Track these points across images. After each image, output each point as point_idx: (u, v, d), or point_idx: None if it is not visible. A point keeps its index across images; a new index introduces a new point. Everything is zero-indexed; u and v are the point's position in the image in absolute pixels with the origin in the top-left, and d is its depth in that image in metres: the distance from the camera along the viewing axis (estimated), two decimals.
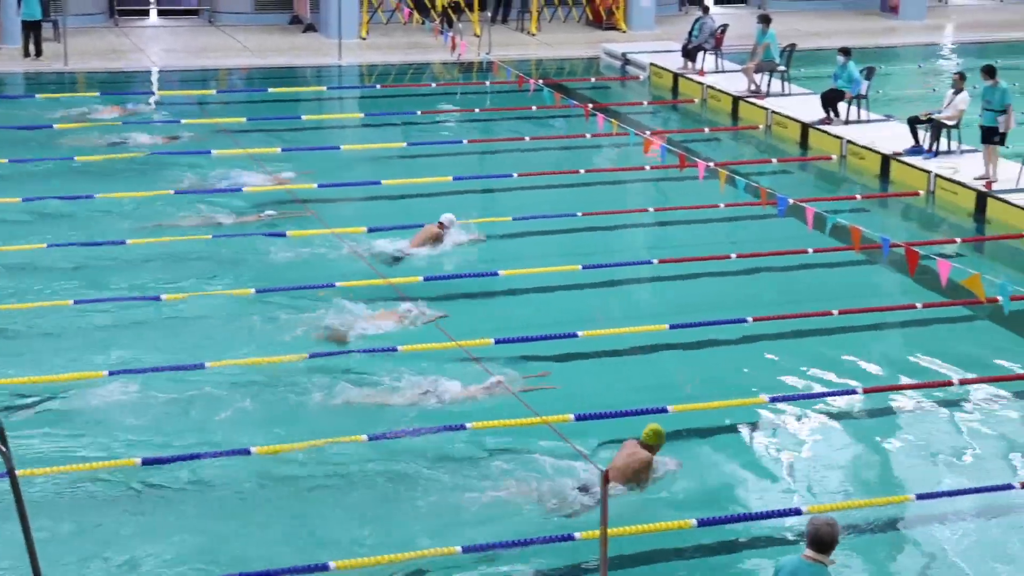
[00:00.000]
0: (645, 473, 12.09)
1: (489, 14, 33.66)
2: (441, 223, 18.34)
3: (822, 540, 8.76)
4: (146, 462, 12.40)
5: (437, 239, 18.25)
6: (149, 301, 16.18)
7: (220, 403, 13.75)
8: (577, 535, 11.30)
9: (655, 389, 14.32)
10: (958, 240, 19.47)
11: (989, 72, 20.98)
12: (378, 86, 29.25)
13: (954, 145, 22.36)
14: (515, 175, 21.98)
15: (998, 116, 20.69)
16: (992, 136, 20.84)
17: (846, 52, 24.50)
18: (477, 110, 26.96)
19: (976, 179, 20.89)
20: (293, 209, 19.85)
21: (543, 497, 12.04)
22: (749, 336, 15.78)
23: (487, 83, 29.48)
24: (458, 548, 11.11)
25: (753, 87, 26.80)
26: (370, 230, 18.86)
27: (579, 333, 15.48)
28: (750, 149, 24.96)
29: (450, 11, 34.12)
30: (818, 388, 14.47)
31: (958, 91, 21.98)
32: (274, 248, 18.18)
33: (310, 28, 33.87)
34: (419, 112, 26.25)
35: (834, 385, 14.56)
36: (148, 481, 12.26)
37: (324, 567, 10.79)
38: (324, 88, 29.12)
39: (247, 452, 12.60)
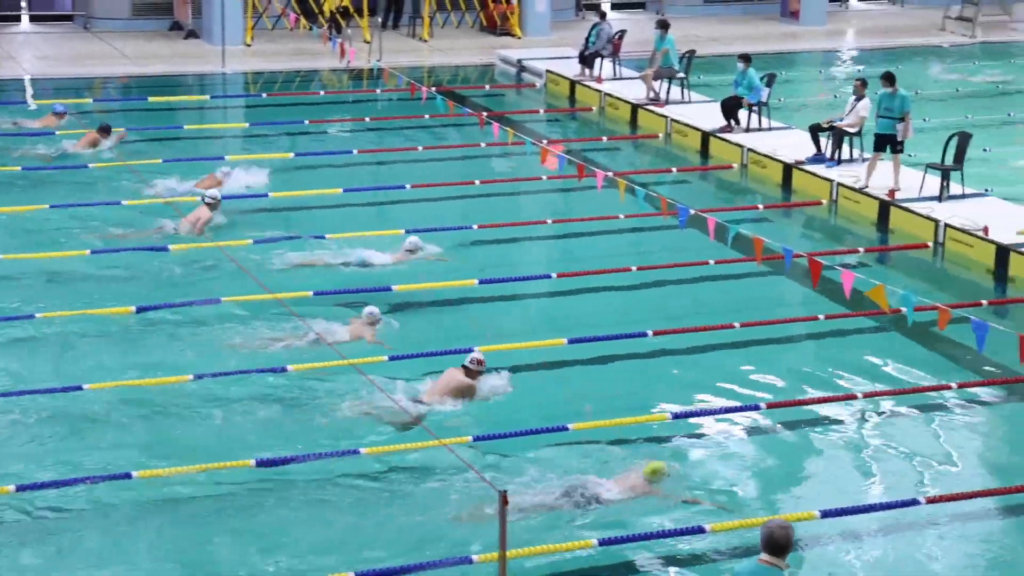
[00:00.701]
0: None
1: (379, 19, 33.62)
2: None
3: (776, 543, 8.89)
4: (20, 488, 12.22)
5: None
6: (22, 320, 15.97)
7: (101, 426, 13.59)
8: (475, 557, 11.31)
9: (555, 406, 14.37)
10: (861, 250, 19.77)
11: (889, 79, 21.30)
12: (264, 95, 29.10)
13: (856, 153, 22.70)
14: (408, 186, 21.97)
15: (897, 124, 21.01)
16: (885, 144, 21.16)
17: (746, 59, 24.78)
18: (368, 119, 26.91)
19: (860, 187, 21.19)
20: (227, 216, 19.98)
21: (443, 517, 12.06)
22: (650, 351, 15.89)
23: (378, 91, 29.45)
24: (351, 574, 11.07)
25: (652, 94, 27.02)
26: (256, 242, 18.79)
27: (475, 349, 15.48)
28: (649, 158, 25.16)
29: (338, 16, 34.01)
30: (721, 403, 14.59)
31: (860, 98, 22.31)
32: (159, 263, 18.04)
33: (192, 34, 33.59)
34: (307, 121, 26.15)
35: (737, 400, 14.70)
36: (23, 509, 12.08)
37: None
38: (207, 97, 28.90)
39: (128, 476, 12.46)
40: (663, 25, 27.26)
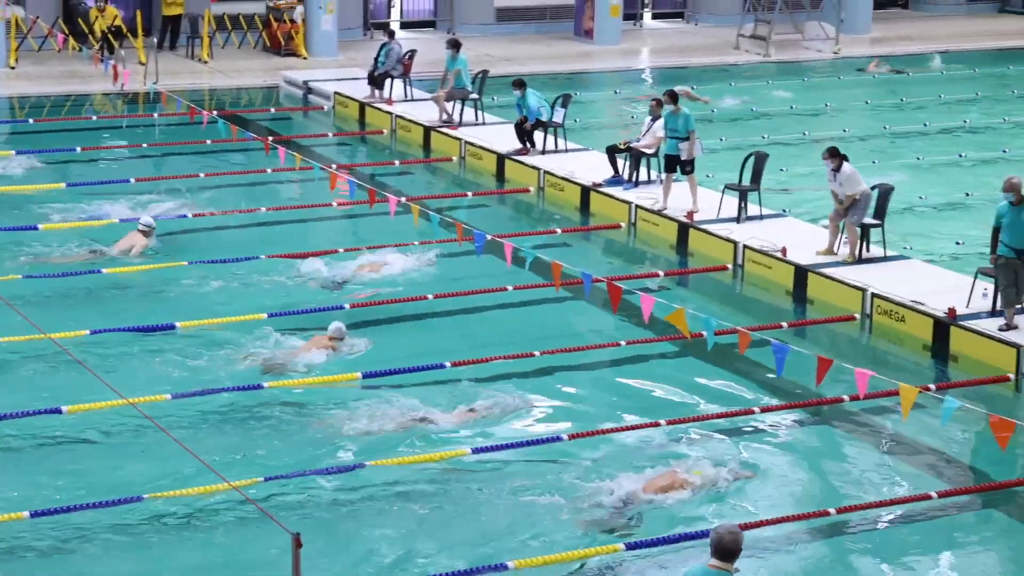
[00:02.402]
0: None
1: (155, 40, 33.18)
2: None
3: (726, 548, 9.12)
4: None
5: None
6: None
7: None
8: None
9: (350, 442, 14.33)
10: (661, 273, 20.15)
11: (672, 97, 21.73)
12: (31, 120, 28.50)
13: (654, 175, 23.12)
14: (190, 215, 21.72)
15: (680, 143, 21.45)
16: (675, 165, 21.59)
17: (519, 84, 24.96)
18: (145, 145, 26.55)
19: (658, 209, 21.59)
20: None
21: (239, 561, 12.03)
22: (448, 381, 15.93)
23: (155, 115, 29.08)
24: None
25: (445, 116, 27.18)
26: (25, 277, 18.42)
27: (265, 384, 15.39)
28: (444, 182, 25.29)
29: (111, 36, 33.47)
30: (522, 435, 14.69)
31: (655, 118, 22.74)
32: None
33: None
34: (79, 148, 25.70)
35: (539, 431, 14.82)
36: None
37: None
38: None
39: None
40: (455, 45, 27.44)
